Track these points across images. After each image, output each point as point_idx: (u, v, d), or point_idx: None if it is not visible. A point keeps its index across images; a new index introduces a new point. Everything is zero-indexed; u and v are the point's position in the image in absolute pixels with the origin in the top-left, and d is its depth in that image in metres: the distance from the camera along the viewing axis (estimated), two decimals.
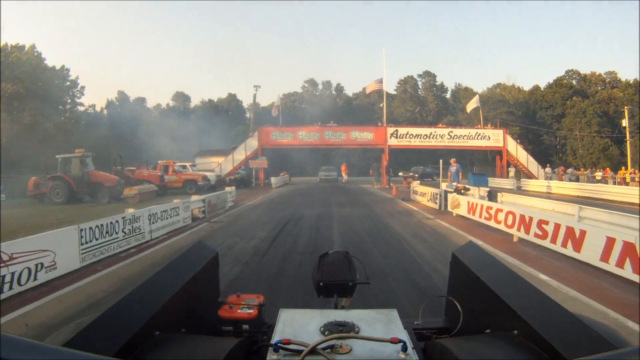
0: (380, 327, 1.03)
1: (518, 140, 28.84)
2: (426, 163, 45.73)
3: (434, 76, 51.74)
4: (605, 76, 49.88)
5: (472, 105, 30.63)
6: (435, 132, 28.01)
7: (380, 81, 28.90)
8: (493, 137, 27.91)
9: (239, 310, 1.38)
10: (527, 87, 51.04)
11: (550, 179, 26.79)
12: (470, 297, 1.30)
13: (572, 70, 50.84)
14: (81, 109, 40.74)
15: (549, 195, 17.99)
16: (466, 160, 45.66)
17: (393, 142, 28.12)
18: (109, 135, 34.70)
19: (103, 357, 0.76)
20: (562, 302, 1.10)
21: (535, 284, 1.20)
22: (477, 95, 31.14)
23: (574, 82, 49.01)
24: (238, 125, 46.86)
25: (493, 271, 1.28)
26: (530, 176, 27.37)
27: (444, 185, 15.45)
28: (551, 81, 48.96)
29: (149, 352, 0.94)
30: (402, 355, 0.86)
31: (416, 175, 30.80)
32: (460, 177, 16.63)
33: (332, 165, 37.42)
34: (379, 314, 1.10)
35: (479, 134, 27.95)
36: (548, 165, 30.11)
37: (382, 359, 0.86)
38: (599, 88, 48.32)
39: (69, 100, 36.93)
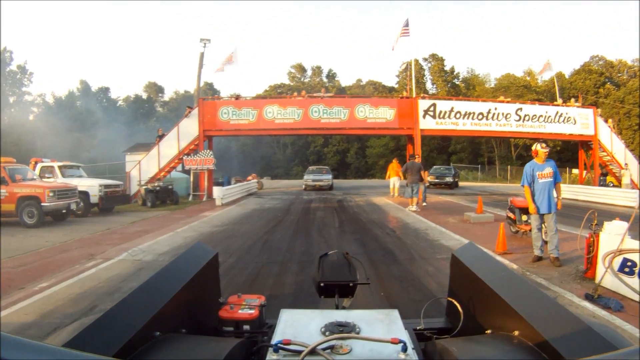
0: (380, 327, 1.01)
1: (612, 126, 19.15)
2: (436, 160, 36.34)
3: (442, 60, 43.05)
4: (631, 64, 43.16)
5: (544, 72, 20.82)
6: (496, 109, 17.65)
7: (407, 25, 18.28)
8: (580, 120, 18.14)
9: (239, 311, 1.35)
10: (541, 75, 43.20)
11: None
12: (471, 298, 1.28)
13: (597, 56, 43.67)
14: (29, 98, 37.97)
15: None
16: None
17: (428, 124, 17.36)
18: (45, 128, 29.94)
19: (103, 357, 0.75)
20: None
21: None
22: (548, 60, 21.32)
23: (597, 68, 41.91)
24: None
25: (493, 271, 1.25)
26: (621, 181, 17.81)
27: None
28: (578, 67, 41.49)
29: (149, 353, 0.92)
30: (402, 356, 0.84)
31: (451, 181, 20.59)
32: (559, 195, 5.14)
33: (325, 166, 26.34)
34: (379, 314, 1.08)
35: (560, 115, 18.04)
36: None
37: (382, 359, 0.84)
38: (626, 76, 41.59)
39: (16, 89, 34.64)
